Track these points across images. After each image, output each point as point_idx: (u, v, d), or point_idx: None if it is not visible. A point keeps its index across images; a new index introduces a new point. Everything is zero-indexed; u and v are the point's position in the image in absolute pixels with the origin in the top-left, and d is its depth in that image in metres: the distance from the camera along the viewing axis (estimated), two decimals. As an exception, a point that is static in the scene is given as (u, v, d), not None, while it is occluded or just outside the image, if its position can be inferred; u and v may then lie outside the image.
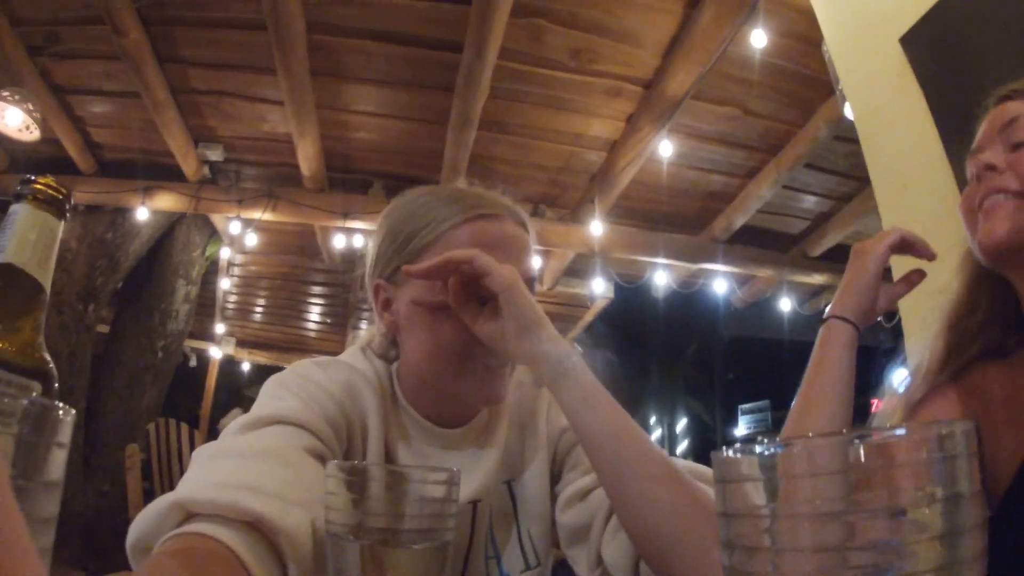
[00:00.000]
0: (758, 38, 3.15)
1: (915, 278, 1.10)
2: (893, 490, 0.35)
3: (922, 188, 1.69)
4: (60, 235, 0.59)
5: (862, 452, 0.36)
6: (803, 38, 3.36)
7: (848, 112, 2.14)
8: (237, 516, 0.61)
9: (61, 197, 0.59)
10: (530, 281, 0.90)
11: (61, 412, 0.40)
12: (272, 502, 0.63)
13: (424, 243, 0.90)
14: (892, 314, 1.53)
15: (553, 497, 0.96)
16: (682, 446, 18.69)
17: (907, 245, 1.07)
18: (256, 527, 0.62)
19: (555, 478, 0.98)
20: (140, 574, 0.55)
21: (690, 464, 0.86)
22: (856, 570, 0.34)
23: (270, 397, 0.84)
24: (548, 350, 0.80)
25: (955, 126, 1.56)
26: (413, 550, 0.57)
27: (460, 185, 1.00)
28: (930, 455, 0.35)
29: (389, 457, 0.89)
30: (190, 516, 0.62)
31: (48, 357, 0.56)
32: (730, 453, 0.41)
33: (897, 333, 1.68)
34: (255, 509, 0.61)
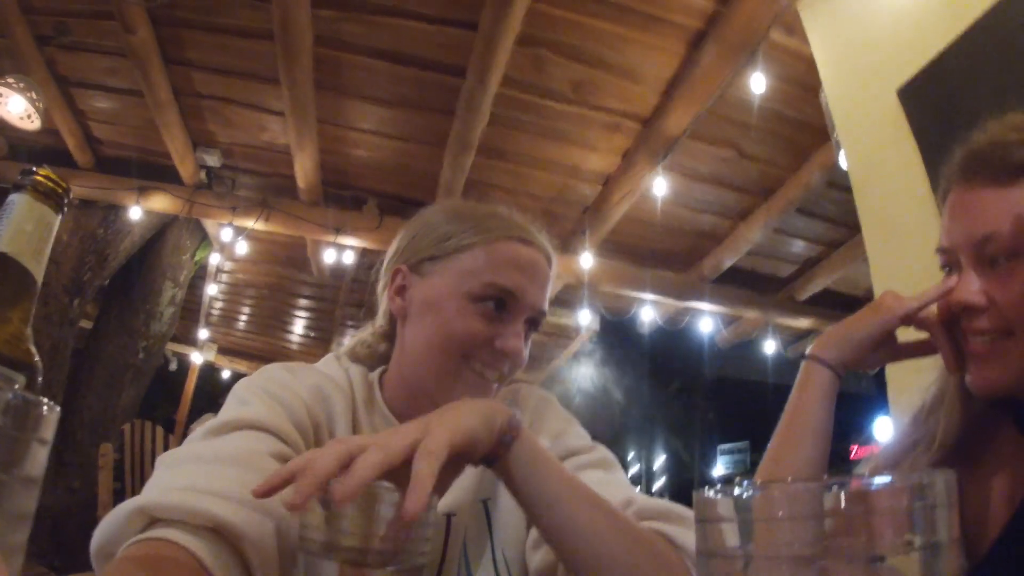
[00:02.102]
0: (757, 82, 3.20)
1: (928, 350, 0.95)
2: (872, 536, 0.35)
3: (912, 239, 1.71)
4: (56, 229, 0.59)
5: (842, 498, 0.36)
6: (802, 84, 3.41)
7: (842, 160, 2.16)
8: (200, 522, 0.60)
9: (60, 191, 0.59)
10: (541, 315, 0.96)
11: (46, 408, 0.40)
12: (236, 508, 0.62)
13: (462, 244, 0.94)
14: None
15: (528, 523, 0.95)
16: (659, 483, 18.59)
17: (921, 324, 0.93)
18: (219, 533, 0.61)
19: None
20: None
21: (659, 502, 0.84)
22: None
23: (236, 402, 0.83)
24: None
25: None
26: (385, 572, 0.56)
27: (503, 208, 1.03)
28: (910, 503, 0.35)
29: None
30: (153, 522, 0.61)
31: (34, 350, 0.56)
32: (710, 493, 0.41)
33: (879, 380, 1.68)
34: (218, 515, 0.60)
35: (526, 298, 0.93)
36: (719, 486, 0.41)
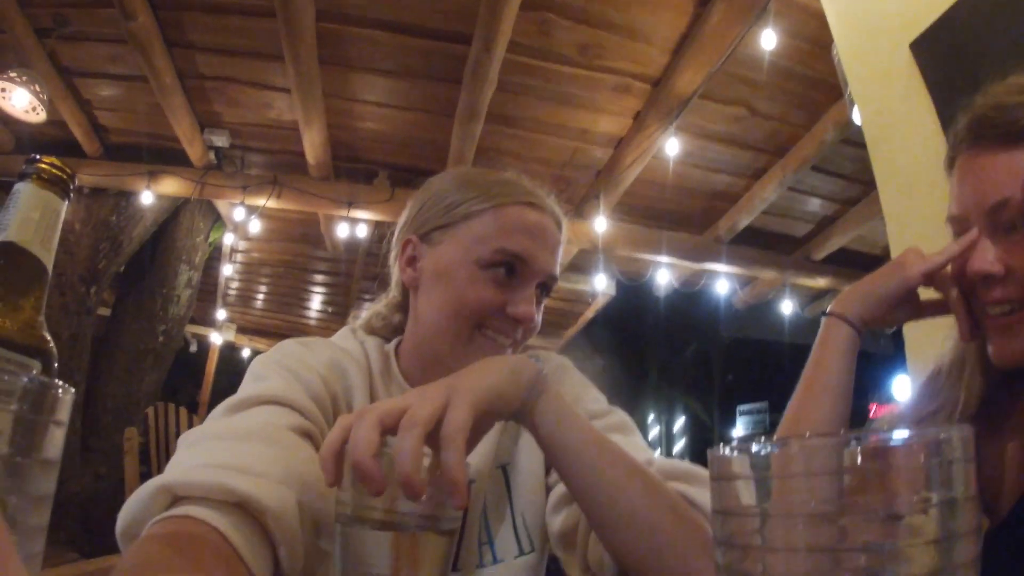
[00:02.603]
0: (768, 39, 3.14)
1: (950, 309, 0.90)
2: (889, 494, 0.35)
3: (928, 194, 1.68)
4: (63, 215, 0.59)
5: (859, 454, 0.36)
6: (813, 40, 3.35)
7: (856, 116, 2.12)
8: (223, 497, 0.61)
9: (65, 177, 0.59)
10: (552, 279, 0.95)
11: (60, 391, 0.41)
12: (257, 482, 0.63)
13: (470, 211, 0.94)
14: None
15: (547, 487, 0.96)
16: (679, 445, 18.70)
17: (940, 286, 0.89)
18: (242, 507, 0.61)
19: (548, 467, 0.98)
20: (127, 558, 0.55)
21: (678, 463, 0.85)
22: (849, 573, 0.34)
23: (254, 378, 0.84)
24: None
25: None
26: (424, 535, 0.57)
27: (511, 173, 1.02)
28: (927, 460, 0.35)
29: None
30: (177, 499, 0.62)
31: (48, 336, 0.56)
32: (725, 451, 0.41)
33: (897, 339, 1.67)
34: (240, 489, 0.61)
35: (536, 263, 0.93)
36: (733, 443, 0.41)
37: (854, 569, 0.34)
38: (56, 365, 0.57)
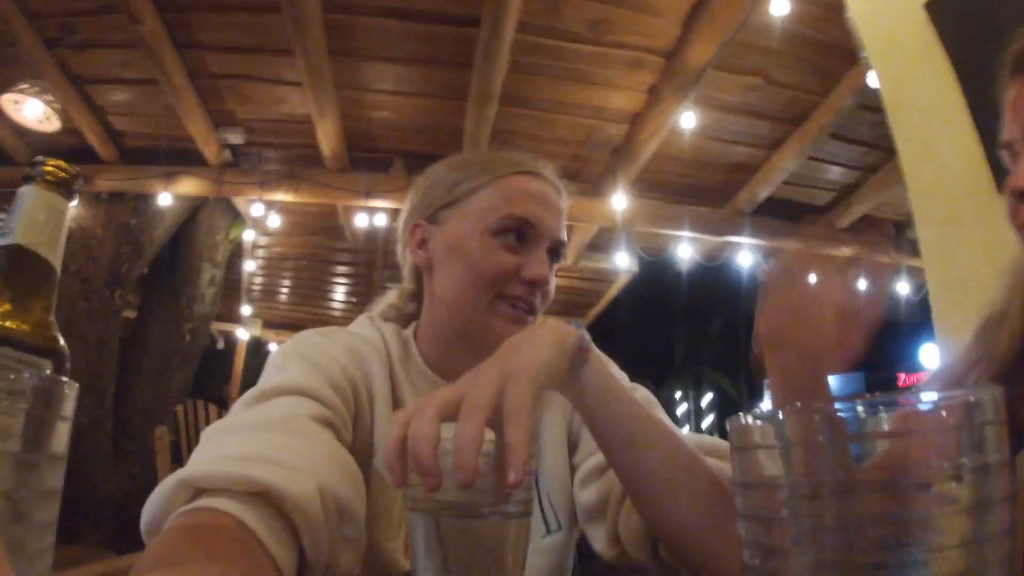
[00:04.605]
0: (780, 5, 3.08)
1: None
2: (918, 460, 0.33)
3: (949, 158, 1.65)
4: (69, 216, 0.59)
5: (884, 420, 0.34)
6: (826, 5, 3.28)
7: (873, 81, 2.08)
8: (244, 488, 0.61)
9: (69, 177, 0.58)
10: (560, 244, 0.96)
11: (66, 387, 0.41)
12: (278, 471, 0.62)
13: (473, 186, 0.96)
14: (920, 286, 1.44)
15: (571, 467, 0.96)
16: (707, 420, 18.66)
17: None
18: (264, 497, 0.61)
19: (572, 447, 0.98)
20: (150, 550, 0.55)
21: (708, 439, 0.85)
22: (879, 544, 0.33)
23: (274, 369, 0.85)
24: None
25: (982, 94, 1.51)
26: (490, 521, 0.57)
27: (507, 150, 1.04)
28: (957, 424, 0.33)
29: None
30: (199, 492, 0.62)
31: (59, 336, 0.56)
32: (747, 420, 0.39)
33: (924, 307, 1.65)
34: (261, 479, 0.61)
35: (543, 225, 0.94)
36: (756, 411, 0.39)
37: (883, 540, 0.33)
38: (68, 365, 0.57)
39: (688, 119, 3.96)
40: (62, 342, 0.56)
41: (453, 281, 0.94)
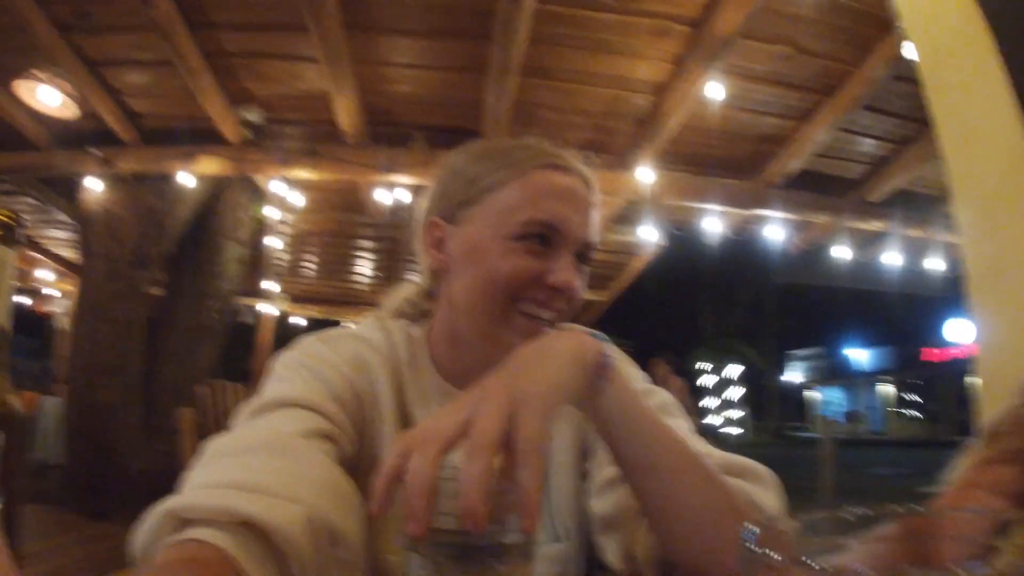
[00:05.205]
0: (812, -31, 2.95)
1: None
2: None
3: (989, 133, 1.56)
4: (11, 262, 0.54)
5: None
6: (860, -31, 3.15)
7: (908, 50, 1.97)
8: (228, 519, 0.59)
9: (9, 222, 0.54)
10: (588, 248, 0.88)
11: None
12: (263, 499, 0.61)
13: (493, 183, 0.88)
14: (952, 263, 1.36)
15: (581, 475, 0.92)
16: (735, 393, 18.65)
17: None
18: (250, 527, 0.60)
19: (585, 451, 0.93)
20: None
21: (731, 458, 0.81)
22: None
23: (276, 380, 0.82)
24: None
25: (1024, 66, 1.43)
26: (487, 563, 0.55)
27: (532, 138, 0.95)
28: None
29: (408, 425, 0.86)
30: (186, 523, 0.61)
31: (13, 400, 0.52)
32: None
33: (949, 283, 1.59)
34: (244, 509, 0.59)
35: (570, 229, 0.86)
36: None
37: None
38: (24, 428, 0.52)
39: (715, 89, 3.85)
40: (16, 405, 0.51)
41: (470, 288, 0.87)
